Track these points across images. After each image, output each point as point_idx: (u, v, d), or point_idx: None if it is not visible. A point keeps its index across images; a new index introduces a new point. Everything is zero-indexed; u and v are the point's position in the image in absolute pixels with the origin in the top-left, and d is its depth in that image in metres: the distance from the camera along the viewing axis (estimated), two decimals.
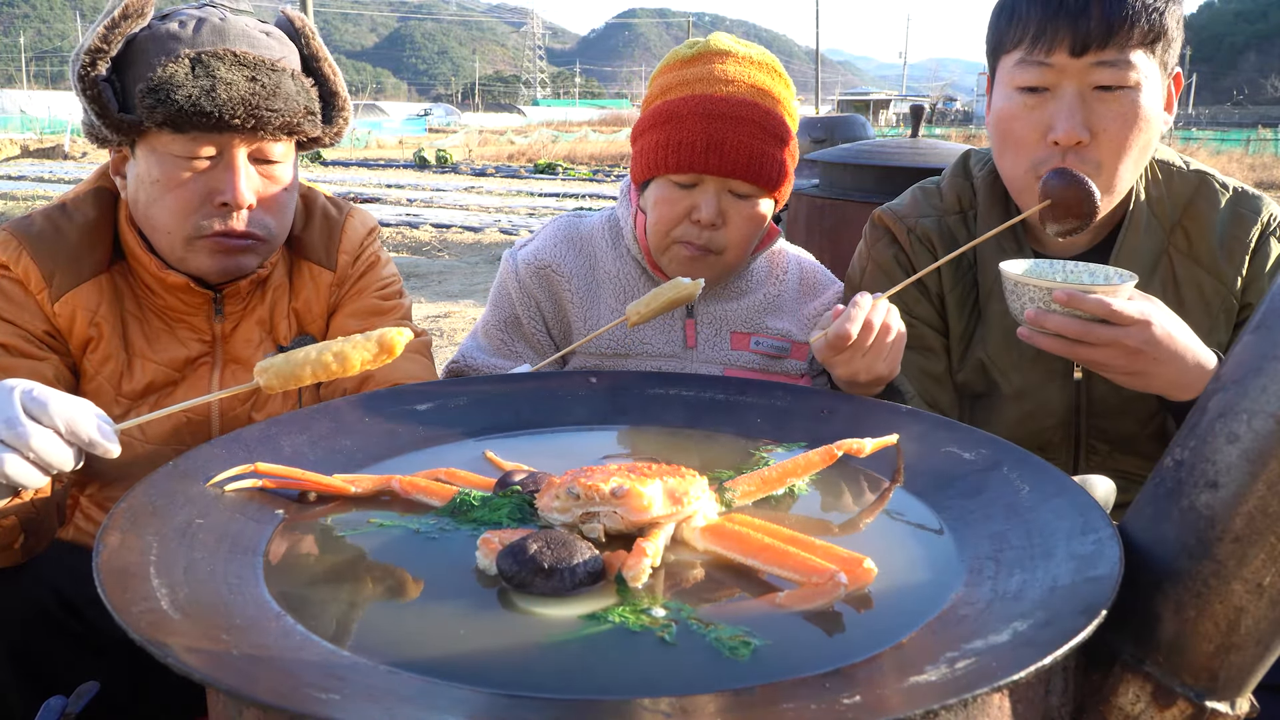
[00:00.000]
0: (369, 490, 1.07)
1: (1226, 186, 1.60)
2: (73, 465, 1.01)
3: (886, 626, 0.81)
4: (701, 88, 1.63)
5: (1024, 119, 1.48)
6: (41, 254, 1.45)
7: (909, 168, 3.50)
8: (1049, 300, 1.28)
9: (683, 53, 1.70)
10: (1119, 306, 1.24)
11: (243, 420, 1.56)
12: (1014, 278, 1.32)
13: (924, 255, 1.65)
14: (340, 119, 1.57)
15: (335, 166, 24.26)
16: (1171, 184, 1.60)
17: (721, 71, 1.64)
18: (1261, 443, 0.77)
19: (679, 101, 1.63)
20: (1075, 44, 1.41)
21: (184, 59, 1.38)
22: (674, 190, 1.63)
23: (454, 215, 13.87)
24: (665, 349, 1.74)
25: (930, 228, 1.65)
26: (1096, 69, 1.42)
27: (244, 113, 1.39)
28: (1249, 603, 0.78)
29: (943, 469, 1.11)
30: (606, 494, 0.93)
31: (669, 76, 1.69)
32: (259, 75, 1.40)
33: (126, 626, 0.72)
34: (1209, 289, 1.56)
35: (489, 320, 1.80)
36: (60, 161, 24.79)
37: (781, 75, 1.70)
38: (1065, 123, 1.43)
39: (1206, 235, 1.57)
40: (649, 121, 1.67)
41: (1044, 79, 1.45)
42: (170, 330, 1.54)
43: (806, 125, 6.32)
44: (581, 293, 1.75)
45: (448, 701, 0.71)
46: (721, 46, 1.68)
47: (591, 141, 32.03)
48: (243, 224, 1.45)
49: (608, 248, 1.79)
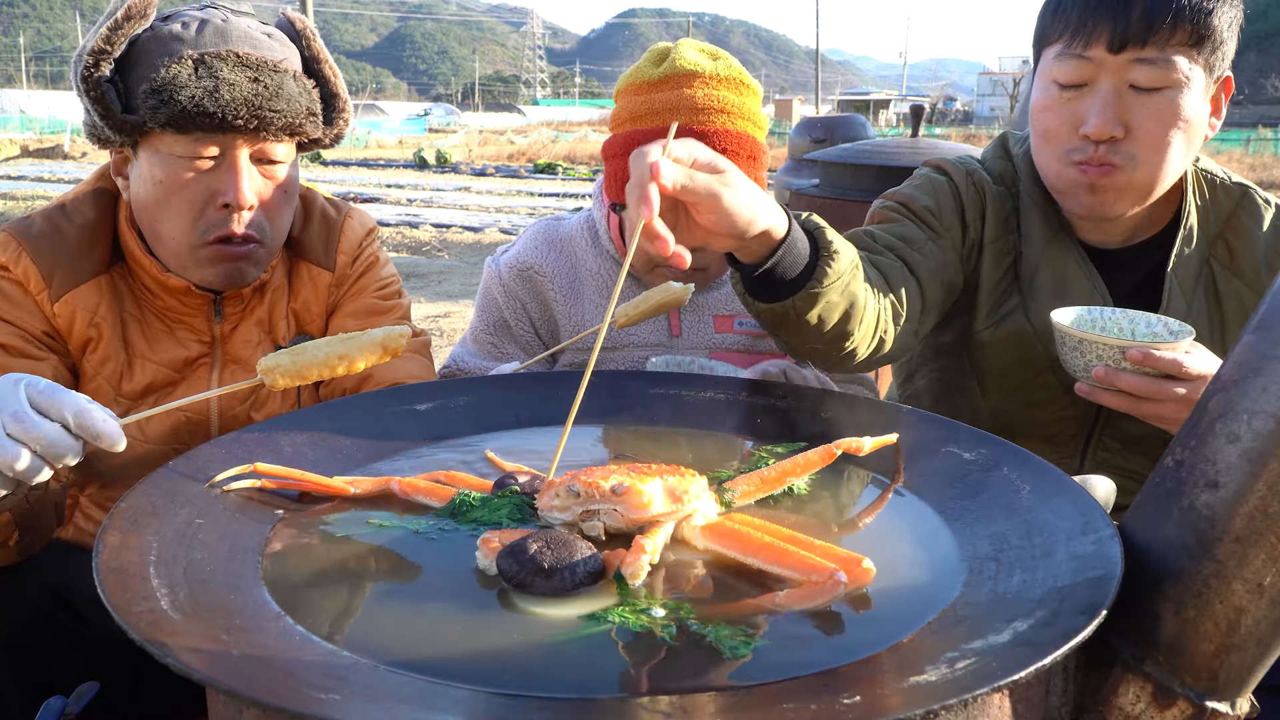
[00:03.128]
0: (368, 492, 1.07)
1: (1269, 201, 1.59)
2: (77, 458, 1.01)
3: (886, 626, 0.81)
4: (671, 119, 1.61)
5: (1058, 112, 1.48)
6: (41, 255, 1.45)
7: (909, 168, 3.50)
8: (1119, 359, 1.26)
9: (650, 73, 1.67)
10: (1188, 363, 1.24)
11: (242, 420, 1.56)
12: (1078, 335, 1.29)
13: (974, 200, 1.62)
14: (340, 120, 1.57)
15: (335, 166, 24.26)
16: (1215, 196, 1.59)
17: (691, 98, 1.62)
18: (1261, 443, 0.77)
19: (650, 133, 1.62)
20: (1114, 39, 1.40)
21: (187, 60, 1.38)
22: None
23: (454, 215, 13.86)
24: (652, 339, 1.77)
25: (986, 182, 1.63)
26: (1134, 66, 1.40)
27: (247, 113, 1.39)
28: (1249, 603, 0.78)
29: (943, 469, 1.11)
30: (606, 491, 0.93)
31: (638, 101, 1.66)
32: (261, 76, 1.41)
33: (126, 626, 0.72)
34: (1250, 304, 1.55)
35: (477, 326, 1.83)
36: (60, 161, 24.78)
37: (748, 85, 1.70)
38: (1098, 116, 1.42)
39: (1249, 249, 1.56)
40: (620, 147, 1.66)
41: (1081, 73, 1.44)
42: (170, 331, 1.54)
43: (806, 125, 6.31)
44: (565, 291, 1.79)
45: (448, 701, 0.71)
46: (688, 66, 1.64)
47: (591, 141, 32.01)
48: (243, 226, 1.45)
49: (588, 247, 1.82)
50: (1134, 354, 1.24)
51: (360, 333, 1.19)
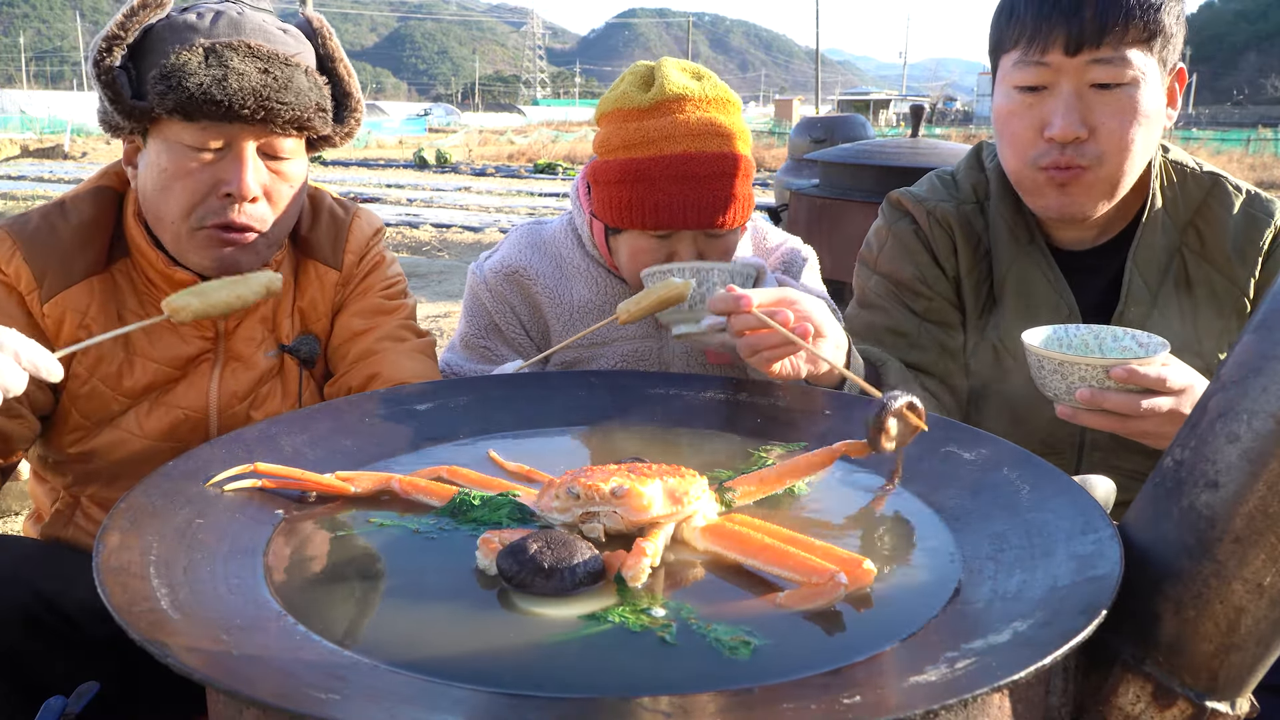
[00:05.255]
0: (369, 490, 1.07)
1: (1240, 189, 1.61)
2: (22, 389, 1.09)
3: (886, 626, 0.81)
4: (669, 146, 1.62)
5: (1022, 117, 1.50)
6: (34, 254, 1.45)
7: (909, 168, 3.51)
8: (1103, 379, 1.22)
9: (638, 99, 1.66)
10: (1171, 378, 1.22)
11: (242, 420, 1.56)
12: (1059, 358, 1.24)
13: (942, 238, 1.67)
14: (352, 119, 1.57)
15: (335, 166, 24.25)
16: (1185, 185, 1.61)
17: (684, 123, 1.63)
18: (1261, 443, 0.77)
19: (648, 162, 1.62)
20: (1070, 43, 1.43)
21: (198, 48, 1.39)
22: (650, 241, 1.66)
23: (454, 215, 13.86)
24: (640, 331, 1.78)
25: (949, 212, 1.67)
26: (1092, 67, 1.43)
27: (254, 103, 1.39)
28: (1249, 603, 0.78)
29: (943, 469, 1.11)
30: (606, 494, 0.93)
31: (629, 129, 1.66)
32: (271, 68, 1.41)
33: (126, 626, 0.72)
34: (1221, 289, 1.57)
35: (466, 332, 1.82)
36: (60, 161, 24.78)
37: (733, 102, 1.71)
38: (1061, 119, 1.45)
39: (1220, 237, 1.58)
40: (617, 175, 1.66)
41: (1041, 78, 1.47)
42: (172, 328, 1.53)
43: (806, 125, 6.32)
44: (553, 290, 1.79)
45: (448, 701, 0.71)
46: (675, 90, 1.64)
47: (591, 142, 31.96)
48: (243, 216, 1.45)
49: (573, 246, 1.83)
50: (1118, 372, 1.20)
51: (250, 274, 1.44)
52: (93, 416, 1.50)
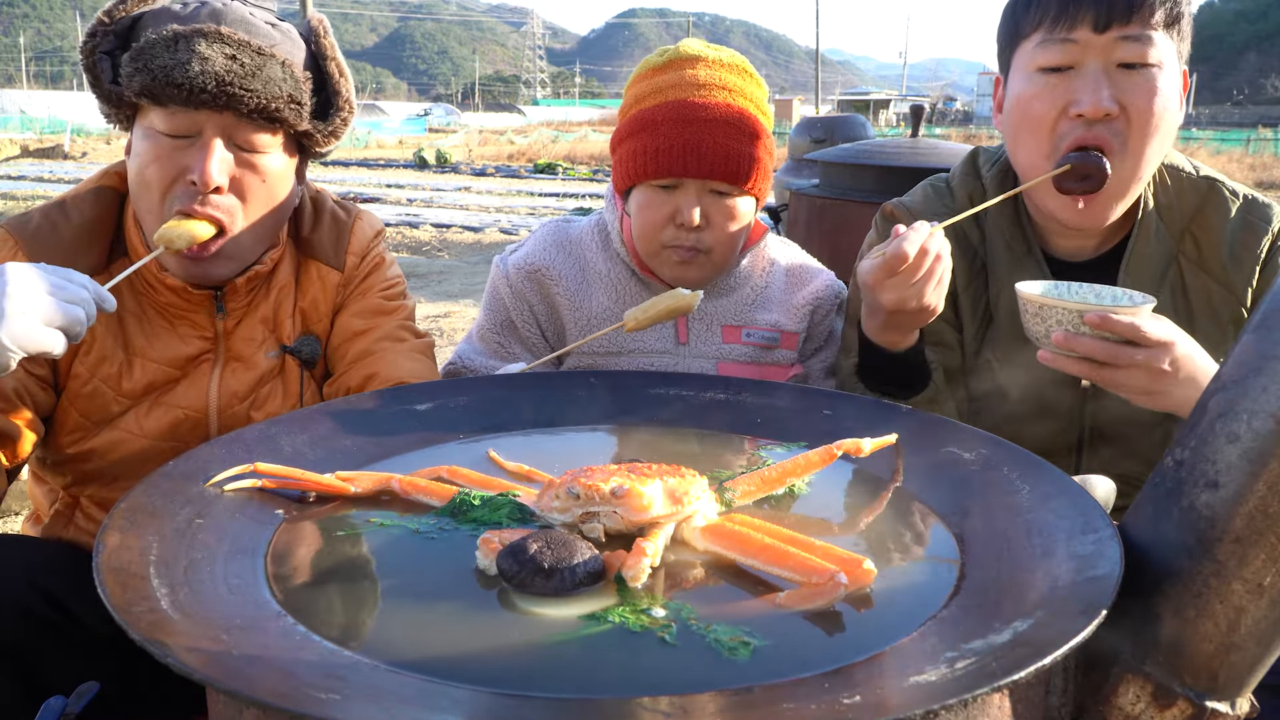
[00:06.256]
0: (369, 490, 1.07)
1: (1236, 194, 1.57)
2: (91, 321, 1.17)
3: (886, 626, 0.81)
4: (675, 94, 1.65)
5: (1045, 97, 1.46)
6: (35, 253, 1.45)
7: (909, 168, 3.50)
8: (1078, 323, 1.25)
9: (654, 60, 1.73)
10: (1146, 328, 1.23)
11: (242, 420, 1.56)
12: (1038, 300, 1.29)
13: None
14: (338, 119, 1.55)
15: (335, 166, 24.24)
16: (1181, 190, 1.58)
17: (693, 76, 1.66)
18: (1261, 443, 0.77)
19: (654, 109, 1.65)
20: (1099, 19, 1.41)
21: (169, 32, 1.40)
22: (656, 194, 1.66)
23: (454, 215, 13.85)
24: (658, 345, 1.76)
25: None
26: (1120, 44, 1.41)
27: (215, 87, 1.37)
28: (1249, 603, 0.78)
29: (943, 469, 1.11)
30: (606, 494, 0.93)
31: (642, 85, 1.71)
32: (240, 55, 1.40)
33: (126, 626, 0.72)
34: (1218, 298, 1.54)
35: (484, 324, 1.83)
36: (60, 161, 24.77)
37: (753, 75, 1.73)
38: (1091, 95, 1.42)
39: (1216, 244, 1.55)
40: (626, 130, 1.70)
41: (1067, 56, 1.44)
42: (172, 328, 1.53)
43: (806, 125, 6.31)
44: (573, 294, 1.78)
45: (448, 701, 0.71)
46: (692, 52, 1.70)
47: (591, 141, 32.00)
48: (208, 206, 1.43)
49: (598, 250, 1.82)
50: (1091, 318, 1.23)
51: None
52: (92, 417, 1.50)
